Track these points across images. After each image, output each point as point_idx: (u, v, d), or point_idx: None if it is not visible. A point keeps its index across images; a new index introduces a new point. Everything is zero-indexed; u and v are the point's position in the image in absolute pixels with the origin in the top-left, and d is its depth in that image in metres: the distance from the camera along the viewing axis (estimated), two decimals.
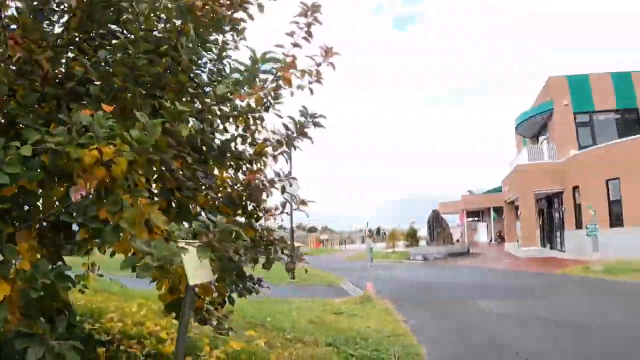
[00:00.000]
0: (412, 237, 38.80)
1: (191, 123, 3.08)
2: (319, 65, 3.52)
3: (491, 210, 48.25)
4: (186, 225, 2.87)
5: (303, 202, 3.85)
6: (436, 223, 35.41)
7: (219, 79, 3.66)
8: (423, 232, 41.60)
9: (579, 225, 24.40)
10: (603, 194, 22.40)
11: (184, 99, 3.14)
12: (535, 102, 31.54)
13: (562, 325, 9.02)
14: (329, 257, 45.64)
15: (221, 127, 3.63)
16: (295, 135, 3.71)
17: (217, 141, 3.56)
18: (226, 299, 3.56)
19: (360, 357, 6.51)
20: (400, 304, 12.45)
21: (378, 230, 45.47)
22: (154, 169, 2.88)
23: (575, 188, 24.94)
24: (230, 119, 3.52)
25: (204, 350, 4.59)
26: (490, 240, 49.93)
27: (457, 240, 53.73)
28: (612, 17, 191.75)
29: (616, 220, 21.92)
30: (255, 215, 3.77)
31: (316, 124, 3.69)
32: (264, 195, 3.77)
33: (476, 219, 58.51)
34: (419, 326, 9.47)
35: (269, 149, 3.75)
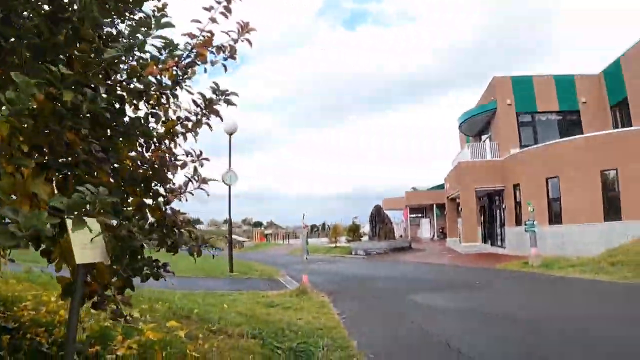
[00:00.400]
0: (354, 232, 38.92)
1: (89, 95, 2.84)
2: (235, 41, 3.38)
3: (434, 206, 48.98)
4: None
5: (204, 181, 3.64)
6: (378, 218, 35.59)
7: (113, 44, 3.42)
8: (367, 227, 41.79)
9: (519, 222, 24.91)
10: (543, 192, 22.90)
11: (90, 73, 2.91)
12: (479, 102, 32.08)
13: (493, 317, 9.12)
14: (271, 251, 45.63)
15: (143, 109, 3.41)
16: (204, 111, 3.50)
17: (127, 118, 3.34)
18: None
19: (287, 349, 6.25)
20: (336, 297, 12.40)
21: (323, 225, 45.40)
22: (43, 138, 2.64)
23: (515, 186, 25.44)
24: (142, 96, 3.30)
25: (115, 340, 4.35)
26: (433, 236, 50.67)
27: (401, 236, 54.44)
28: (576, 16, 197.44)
29: (555, 217, 22.45)
30: (162, 196, 3.55)
31: (228, 102, 3.47)
32: (170, 175, 3.54)
33: (420, 215, 59.27)
34: (352, 319, 9.39)
35: (179, 128, 3.55)
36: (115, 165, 3.18)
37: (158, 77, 3.17)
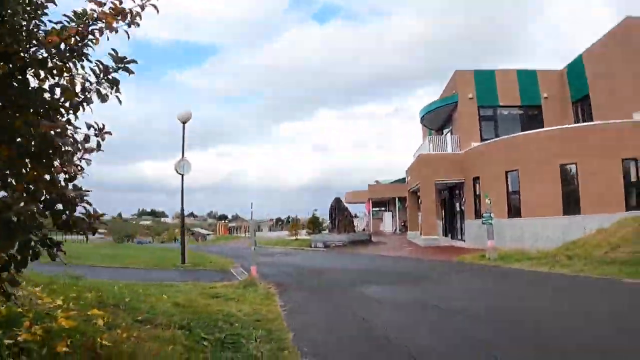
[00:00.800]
0: (314, 224, 38.57)
1: None
2: (143, 8, 3.22)
3: (397, 200, 48.94)
4: None
5: (101, 135, 3.23)
6: (338, 211, 35.14)
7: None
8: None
9: (478, 215, 24.79)
10: (502, 185, 22.84)
11: None
12: (441, 95, 31.95)
13: (439, 309, 8.89)
14: (232, 244, 45.38)
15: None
16: (101, 80, 3.20)
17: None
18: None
19: (214, 340, 5.86)
20: (285, 289, 12.08)
21: (288, 218, 45.10)
22: None
23: (475, 179, 25.38)
24: (43, 64, 2.98)
25: (22, 325, 3.89)
26: (395, 230, 50.64)
27: (364, 229, 54.33)
28: None
29: (514, 210, 22.41)
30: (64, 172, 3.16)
31: (127, 70, 3.23)
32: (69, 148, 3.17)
33: (383, 209, 59.30)
34: (295, 311, 9.08)
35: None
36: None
37: (62, 46, 3.05)
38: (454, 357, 5.97)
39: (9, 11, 2.79)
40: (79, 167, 3.25)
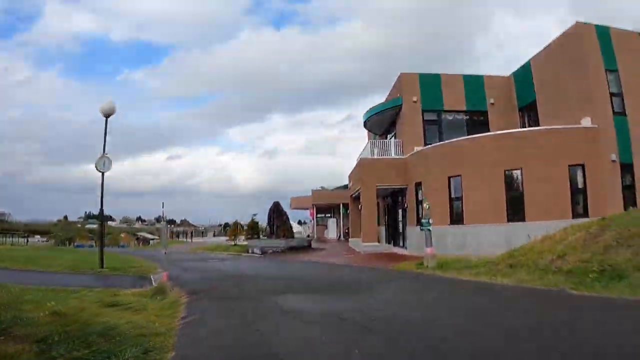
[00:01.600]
0: (253, 229, 36.95)
1: None
2: None
3: (341, 206, 47.95)
4: None
5: None
6: (276, 215, 33.51)
7: None
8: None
9: (420, 221, 23.94)
10: (445, 191, 22.00)
11: None
12: (386, 98, 31.06)
13: (354, 324, 7.72)
14: (172, 249, 43.66)
15: None
16: None
17: None
18: None
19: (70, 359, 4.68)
20: (196, 298, 10.94)
21: (235, 223, 43.44)
22: None
23: (418, 184, 24.50)
24: None
25: None
26: (339, 237, 49.70)
27: (308, 236, 53.18)
28: None
29: (457, 217, 21.60)
30: None
31: None
32: None
33: (328, 215, 58.35)
34: (193, 324, 7.92)
35: None
36: None
37: None
38: None
39: None
40: None
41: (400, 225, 29.04)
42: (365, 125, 33.23)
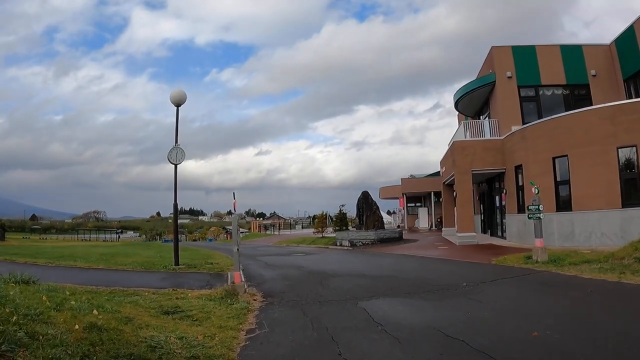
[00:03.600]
0: (341, 221, 35.26)
1: None
2: None
3: (432, 194, 45.81)
4: None
5: None
6: (366, 205, 31.44)
7: None
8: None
9: (521, 208, 21.84)
10: (549, 174, 19.72)
11: None
12: (478, 75, 28.77)
13: (470, 348, 5.86)
14: (257, 242, 43.60)
15: None
16: None
17: None
18: None
19: None
20: (271, 302, 9.78)
21: (322, 214, 42.12)
22: None
23: (517, 167, 22.26)
24: None
25: None
26: (431, 226, 47.56)
27: (398, 226, 51.31)
28: None
29: (563, 203, 19.28)
30: None
31: None
32: None
33: (418, 204, 56.27)
34: (260, 343, 6.63)
35: None
36: None
37: None
38: None
39: None
40: None
41: (497, 213, 27.00)
42: (456, 107, 31.07)
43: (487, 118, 27.19)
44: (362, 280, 12.64)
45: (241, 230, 78.15)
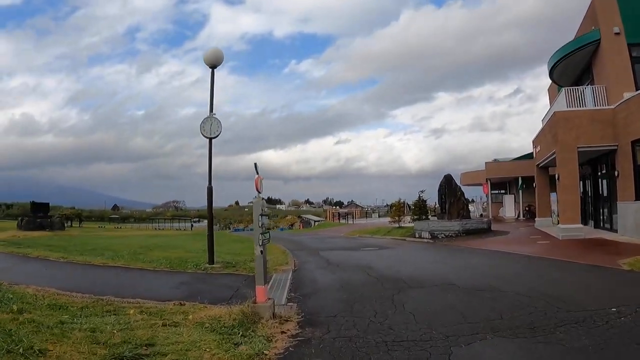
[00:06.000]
0: (420, 209, 30.99)
1: None
2: None
3: (519, 180, 41.13)
4: None
5: None
6: (449, 190, 26.72)
7: None
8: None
9: None
10: None
11: None
12: (576, 35, 24.29)
13: None
14: (327, 232, 41.18)
15: None
16: None
17: None
18: None
19: None
20: (308, 340, 6.39)
21: (399, 202, 38.16)
22: None
23: (636, 142, 17.88)
24: None
25: None
26: (518, 216, 42.81)
27: (481, 215, 46.78)
28: None
29: None
30: None
31: None
32: None
33: (502, 191, 51.52)
34: None
35: None
36: None
37: None
38: None
39: None
40: None
41: (602, 200, 22.85)
42: (551, 76, 26.55)
43: (589, 85, 22.69)
44: (451, 296, 8.92)
45: (316, 219, 76.03)
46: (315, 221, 70.82)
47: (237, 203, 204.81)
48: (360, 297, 9.09)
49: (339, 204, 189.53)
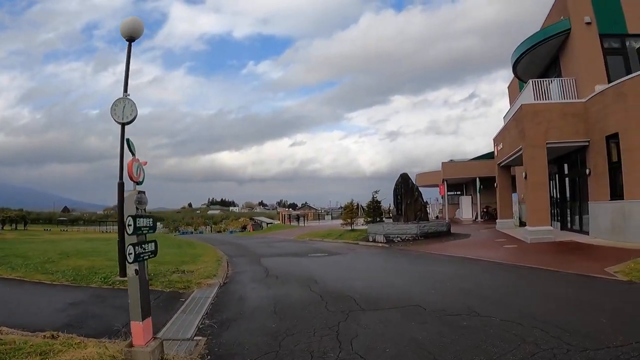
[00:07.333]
0: (374, 211, 29.11)
1: None
2: None
3: (477, 180, 39.94)
4: None
5: None
6: (405, 190, 24.89)
7: None
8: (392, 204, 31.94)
9: (616, 193, 16.14)
10: None
11: None
12: (543, 25, 22.88)
13: None
14: (277, 234, 39.52)
15: None
16: None
17: None
18: None
19: None
20: None
21: (351, 203, 36.30)
22: None
23: (610, 137, 16.46)
24: None
25: None
26: (476, 217, 41.59)
27: (437, 217, 45.45)
28: None
29: None
30: None
31: None
32: None
33: (458, 192, 50.40)
34: None
35: None
36: None
37: None
38: None
39: None
40: None
41: (570, 200, 21.59)
42: (514, 70, 25.08)
43: (556, 78, 21.26)
44: (417, 326, 6.68)
45: (268, 221, 74.15)
46: (267, 223, 68.88)
47: (190, 205, 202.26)
48: (295, 327, 6.90)
49: (293, 206, 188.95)
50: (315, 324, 6.99)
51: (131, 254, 5.16)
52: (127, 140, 5.82)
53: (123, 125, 11.03)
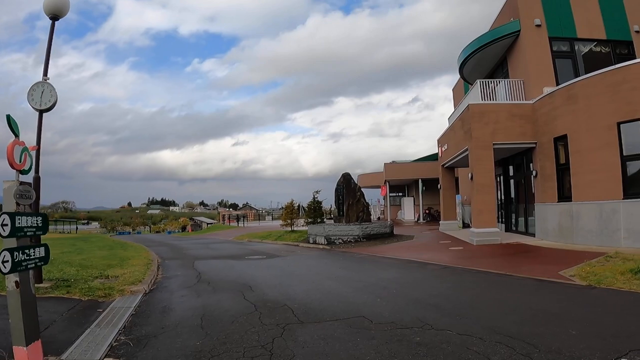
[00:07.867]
0: (315, 212, 28.31)
1: None
2: None
3: (419, 182, 39.80)
4: None
5: None
6: (347, 191, 24.21)
7: None
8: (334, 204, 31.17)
9: (563, 195, 15.98)
10: (612, 146, 13.93)
11: None
12: (492, 26, 22.68)
13: None
14: (216, 235, 38.61)
15: None
16: None
17: None
18: None
19: None
20: None
21: (298, 207, 35.42)
22: None
23: (559, 139, 16.24)
24: None
25: None
26: (418, 219, 41.48)
27: (379, 219, 45.18)
28: None
29: (635, 186, 13.49)
30: None
31: None
32: None
33: (400, 194, 50.32)
34: None
35: None
36: None
37: None
38: None
39: None
40: None
41: (516, 202, 21.51)
42: (461, 71, 24.83)
43: (503, 80, 21.06)
44: (363, 342, 5.74)
45: (208, 221, 72.76)
46: (207, 224, 67.56)
47: (129, 204, 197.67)
48: (223, 345, 5.83)
49: (234, 206, 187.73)
50: (246, 340, 5.97)
51: (7, 261, 4.08)
52: (8, 117, 4.64)
53: (41, 112, 9.86)
